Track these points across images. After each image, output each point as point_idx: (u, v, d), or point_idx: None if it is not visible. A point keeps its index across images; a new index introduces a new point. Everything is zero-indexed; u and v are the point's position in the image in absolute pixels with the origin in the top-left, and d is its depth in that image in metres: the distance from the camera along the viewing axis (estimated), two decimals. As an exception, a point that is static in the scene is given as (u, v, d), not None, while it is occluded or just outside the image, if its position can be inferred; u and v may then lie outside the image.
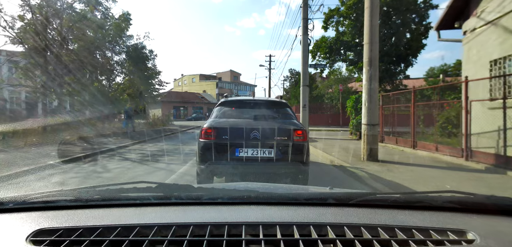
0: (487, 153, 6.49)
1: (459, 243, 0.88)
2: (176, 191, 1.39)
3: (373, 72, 7.01)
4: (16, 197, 1.17)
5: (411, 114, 9.34)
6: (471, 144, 6.82)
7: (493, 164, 6.11)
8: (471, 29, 8.10)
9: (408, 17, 19.05)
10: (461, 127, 7.01)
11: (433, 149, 8.17)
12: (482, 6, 7.63)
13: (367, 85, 7.07)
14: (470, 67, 8.07)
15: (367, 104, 7.12)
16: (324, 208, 1.15)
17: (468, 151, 6.77)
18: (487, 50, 7.46)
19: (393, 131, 11.05)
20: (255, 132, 4.12)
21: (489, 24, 7.39)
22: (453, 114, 8.72)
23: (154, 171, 6.86)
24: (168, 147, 11.41)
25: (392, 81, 20.53)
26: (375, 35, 6.97)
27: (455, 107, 8.70)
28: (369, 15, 6.96)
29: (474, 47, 7.99)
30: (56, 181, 5.79)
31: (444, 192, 1.26)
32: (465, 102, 6.79)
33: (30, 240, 0.89)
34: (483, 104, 6.98)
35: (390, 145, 10.34)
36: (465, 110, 6.76)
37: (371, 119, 7.12)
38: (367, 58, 7.03)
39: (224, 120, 4.47)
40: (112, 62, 21.69)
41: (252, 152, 4.12)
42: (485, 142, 6.93)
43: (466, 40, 8.41)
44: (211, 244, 0.87)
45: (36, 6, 14.55)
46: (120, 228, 0.95)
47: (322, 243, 0.87)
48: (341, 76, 30.57)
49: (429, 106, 10.10)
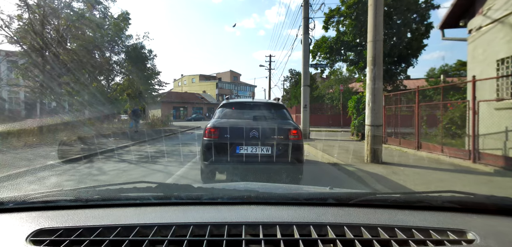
0: (496, 155, 6.28)
1: (459, 243, 0.88)
2: (176, 191, 1.39)
3: (377, 71, 6.82)
4: (16, 197, 1.17)
5: (415, 115, 9.14)
6: (478, 145, 6.62)
7: (502, 166, 5.90)
8: (477, 28, 7.91)
9: (409, 17, 18.88)
10: (468, 128, 6.80)
11: (438, 151, 7.97)
12: (489, 4, 7.45)
13: (371, 85, 6.87)
14: (475, 67, 7.88)
15: (370, 104, 6.93)
16: (324, 208, 1.15)
17: (475, 153, 6.57)
18: (494, 49, 7.28)
19: (395, 131, 10.86)
20: (254, 131, 4.53)
21: (496, 22, 7.21)
22: (457, 115, 8.54)
23: (152, 173, 6.71)
24: (167, 148, 11.27)
25: (393, 82, 20.36)
26: (379, 33, 6.78)
27: (459, 108, 8.52)
28: (373, 12, 6.77)
29: (480, 46, 7.80)
30: (51, 183, 5.65)
31: (444, 192, 1.25)
32: (472, 102, 6.58)
33: (30, 240, 0.89)
34: (490, 104, 6.79)
35: (393, 146, 10.15)
36: (473, 111, 6.55)
37: (375, 120, 6.92)
38: (371, 57, 6.83)
39: (226, 121, 4.87)
40: (111, 62, 21.51)
41: (251, 150, 4.52)
42: (492, 143, 6.74)
43: (471, 39, 8.23)
44: (211, 244, 0.87)
45: (34, 5, 14.38)
46: (120, 228, 0.95)
47: (322, 243, 0.87)
48: (341, 77, 30.42)
49: (431, 107, 9.92)
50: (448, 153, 7.60)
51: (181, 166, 7.05)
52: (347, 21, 19.80)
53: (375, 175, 5.73)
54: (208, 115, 57.63)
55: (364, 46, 18.88)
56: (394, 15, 18.85)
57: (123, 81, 22.85)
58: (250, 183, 1.68)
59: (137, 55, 21.77)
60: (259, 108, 5.28)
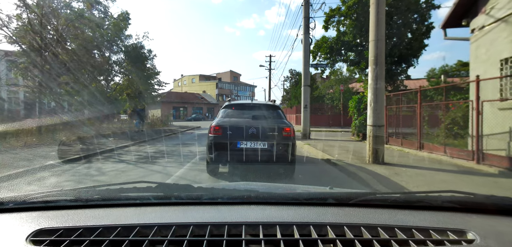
0: (500, 156, 6.18)
1: (459, 243, 0.88)
2: (176, 191, 1.38)
3: (379, 70, 6.73)
4: (16, 197, 1.16)
5: (417, 115, 9.05)
6: (482, 146, 6.52)
7: (507, 167, 5.81)
8: (480, 27, 7.83)
9: (409, 17, 18.81)
10: (472, 128, 6.69)
11: (441, 151, 7.88)
12: (492, 3, 7.36)
13: (373, 85, 6.78)
14: (478, 66, 7.79)
15: (372, 104, 6.83)
16: (324, 208, 1.14)
17: (479, 154, 6.48)
18: (497, 48, 7.19)
19: (396, 132, 10.78)
20: (253, 128, 5.31)
21: (499, 21, 7.12)
22: (459, 115, 8.46)
23: (151, 173, 6.65)
24: (167, 149, 11.20)
25: (394, 82, 20.29)
26: (381, 32, 6.69)
27: (461, 108, 8.44)
28: (375, 10, 6.69)
29: (483, 46, 7.71)
30: (51, 183, 5.60)
31: (444, 192, 1.24)
32: (476, 102, 6.49)
33: (30, 240, 0.89)
34: (493, 104, 6.70)
35: (395, 147, 10.06)
36: (477, 111, 6.45)
37: (377, 120, 6.83)
38: (373, 56, 6.75)
39: (228, 120, 5.62)
40: (111, 62, 21.40)
41: (250, 144, 5.29)
42: (496, 144, 6.64)
43: (474, 38, 8.14)
44: (211, 244, 0.87)
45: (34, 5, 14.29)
46: (120, 228, 0.95)
47: (322, 243, 0.87)
48: (342, 77, 30.33)
49: (432, 107, 9.83)
50: (450, 154, 7.51)
51: (181, 167, 6.98)
52: (348, 21, 19.73)
53: (377, 175, 5.65)
54: (208, 116, 57.57)
55: (364, 46, 18.82)
56: (395, 15, 18.79)
57: (123, 81, 22.73)
58: (250, 182, 1.67)
59: (137, 55, 21.63)
60: (257, 109, 6.05)
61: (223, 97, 69.81)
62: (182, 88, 72.94)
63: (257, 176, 5.64)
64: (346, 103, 19.09)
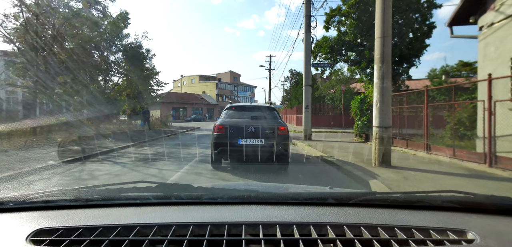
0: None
1: (459, 243, 0.88)
2: (176, 190, 1.38)
3: (386, 69, 6.47)
4: (16, 197, 1.16)
5: (424, 116, 8.76)
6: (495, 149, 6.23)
7: (522, 171, 5.53)
8: (489, 24, 7.57)
9: (410, 16, 18.60)
10: (484, 130, 6.39)
11: (450, 153, 7.57)
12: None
13: (379, 84, 6.50)
14: (487, 65, 7.52)
15: (379, 104, 6.56)
16: (324, 207, 1.14)
17: (492, 157, 6.18)
18: (508, 46, 6.92)
19: (400, 132, 10.51)
20: (252, 127, 6.10)
21: (510, 18, 6.87)
22: (465, 116, 8.20)
23: (150, 174, 6.55)
24: (167, 150, 11.05)
25: (395, 82, 20.07)
26: (388, 28, 6.43)
27: (467, 108, 8.18)
28: (381, 6, 6.42)
29: (492, 44, 7.45)
30: (50, 183, 5.52)
31: (444, 192, 1.24)
32: (489, 102, 6.20)
33: (30, 240, 0.89)
34: (503, 104, 6.43)
35: (400, 148, 9.78)
36: (489, 111, 6.17)
37: (384, 121, 6.55)
38: (379, 54, 6.48)
39: (230, 120, 6.41)
40: (109, 61, 21.12)
41: (249, 141, 6.06)
42: (507, 146, 6.36)
43: (482, 36, 7.88)
44: (211, 244, 0.86)
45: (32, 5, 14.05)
46: (120, 228, 0.94)
47: (322, 242, 0.86)
48: (343, 77, 30.10)
49: (438, 108, 9.55)
50: (460, 156, 7.21)
51: (181, 167, 6.94)
52: (349, 21, 19.52)
53: (386, 180, 5.36)
54: (208, 116, 57.31)
55: (365, 46, 18.61)
56: (396, 14, 18.57)
57: (121, 81, 22.46)
58: (250, 182, 1.91)
59: (135, 54, 21.35)
60: (255, 111, 6.82)
61: (223, 98, 69.58)
62: (182, 89, 72.67)
63: (257, 169, 6.23)
64: (347, 103, 18.84)
